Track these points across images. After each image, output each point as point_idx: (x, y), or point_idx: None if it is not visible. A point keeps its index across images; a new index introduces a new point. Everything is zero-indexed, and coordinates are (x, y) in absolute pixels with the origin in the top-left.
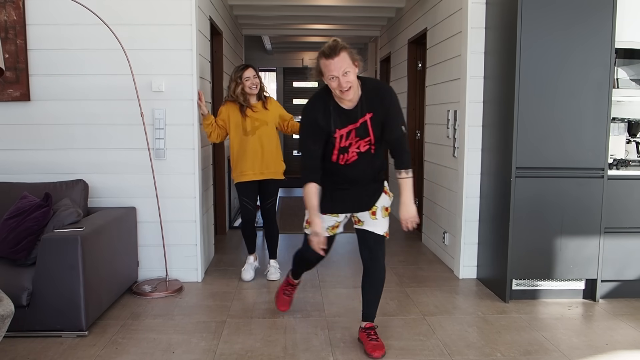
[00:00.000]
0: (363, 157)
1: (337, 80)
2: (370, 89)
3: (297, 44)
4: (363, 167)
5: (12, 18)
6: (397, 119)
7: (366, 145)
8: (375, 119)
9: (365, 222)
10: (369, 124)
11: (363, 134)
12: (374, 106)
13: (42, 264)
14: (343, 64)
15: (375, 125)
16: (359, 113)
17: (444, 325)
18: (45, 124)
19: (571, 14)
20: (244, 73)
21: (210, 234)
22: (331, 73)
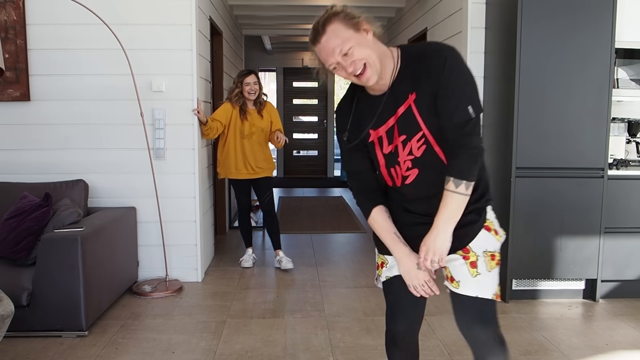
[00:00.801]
0: (425, 166)
1: (341, 67)
2: (412, 56)
3: (297, 44)
4: (432, 182)
5: (12, 18)
6: (457, 93)
7: (422, 145)
8: (423, 100)
9: (462, 280)
10: (415, 109)
11: (410, 127)
12: (418, 80)
13: (42, 264)
14: (336, 40)
15: (427, 109)
16: (396, 97)
17: (444, 325)
18: (45, 123)
19: (571, 14)
20: (245, 79)
21: (210, 234)
22: (327, 62)
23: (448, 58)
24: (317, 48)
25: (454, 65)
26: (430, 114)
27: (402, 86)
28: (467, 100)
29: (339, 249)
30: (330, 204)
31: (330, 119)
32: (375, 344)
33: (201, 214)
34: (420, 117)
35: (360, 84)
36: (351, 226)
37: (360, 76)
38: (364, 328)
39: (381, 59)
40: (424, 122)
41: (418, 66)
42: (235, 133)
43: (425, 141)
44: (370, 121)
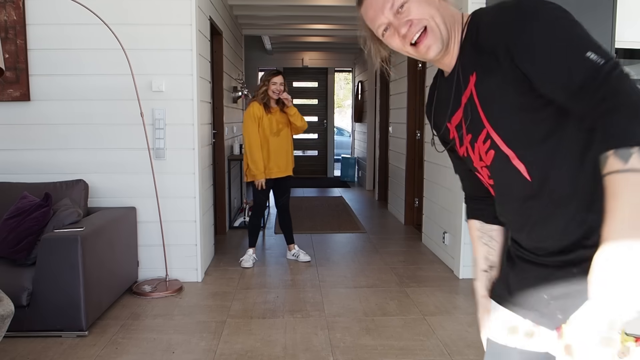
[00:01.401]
0: (501, 179)
1: (393, 30)
2: (473, 22)
3: (297, 44)
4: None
5: (12, 18)
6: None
7: (488, 149)
8: (485, 82)
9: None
10: (476, 97)
11: (474, 123)
12: (478, 53)
13: (42, 264)
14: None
15: (491, 96)
16: (460, 80)
17: (444, 325)
18: (45, 123)
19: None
20: (273, 78)
21: (210, 234)
22: (375, 24)
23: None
24: (362, 8)
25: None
26: (496, 102)
27: (465, 64)
28: (578, 47)
29: (339, 249)
30: (330, 204)
31: (330, 119)
32: (375, 344)
33: (201, 214)
34: (482, 109)
35: (418, 57)
36: (351, 226)
37: (418, 44)
38: (364, 328)
39: (448, 23)
40: (485, 115)
41: (479, 32)
42: (264, 132)
43: (492, 144)
44: (446, 112)
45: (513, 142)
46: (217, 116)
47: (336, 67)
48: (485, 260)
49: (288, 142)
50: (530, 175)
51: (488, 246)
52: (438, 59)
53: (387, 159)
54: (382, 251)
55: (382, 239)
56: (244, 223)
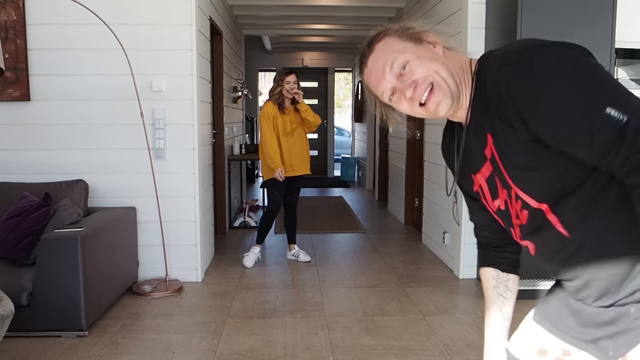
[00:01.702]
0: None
1: (399, 95)
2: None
3: (297, 44)
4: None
5: (12, 18)
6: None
7: (522, 208)
8: (502, 143)
9: None
10: (497, 157)
11: (503, 182)
12: (490, 113)
13: (42, 264)
14: (385, 56)
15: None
16: (478, 135)
17: (444, 325)
18: (45, 124)
19: (571, 14)
20: (286, 77)
21: (210, 234)
22: (379, 91)
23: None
24: (365, 76)
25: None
26: (516, 162)
27: (480, 120)
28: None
29: (339, 249)
30: (330, 204)
31: (330, 119)
32: (375, 344)
33: (201, 214)
34: (505, 169)
35: (431, 117)
36: (351, 226)
37: (426, 102)
38: (364, 328)
39: (457, 75)
40: (509, 176)
41: (486, 86)
42: (279, 132)
43: (524, 204)
44: (467, 164)
45: (542, 197)
46: (217, 116)
47: (336, 67)
48: (500, 312)
49: (302, 141)
50: (568, 229)
51: (503, 297)
52: (451, 114)
53: (387, 159)
54: (382, 251)
55: (382, 239)
56: (244, 223)
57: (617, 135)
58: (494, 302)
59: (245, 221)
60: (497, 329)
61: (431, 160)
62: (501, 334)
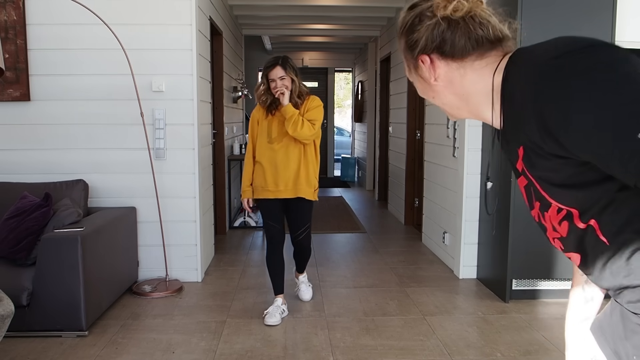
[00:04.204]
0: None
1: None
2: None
3: (297, 44)
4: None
5: (12, 18)
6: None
7: (562, 220)
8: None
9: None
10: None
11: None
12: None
13: (42, 264)
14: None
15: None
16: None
17: (444, 325)
18: (45, 124)
19: (571, 14)
20: (269, 73)
21: (210, 234)
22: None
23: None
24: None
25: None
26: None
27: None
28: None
29: (339, 249)
30: (331, 204)
31: (330, 119)
32: (375, 344)
33: (201, 214)
34: (539, 185)
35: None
36: (351, 226)
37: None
38: (364, 328)
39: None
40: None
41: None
42: (260, 137)
43: (567, 215)
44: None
45: (587, 210)
46: (217, 116)
47: (336, 67)
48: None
49: (296, 151)
50: (606, 236)
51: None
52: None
53: (387, 159)
54: (382, 251)
55: (382, 239)
56: (244, 223)
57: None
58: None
59: (245, 221)
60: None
61: (431, 160)
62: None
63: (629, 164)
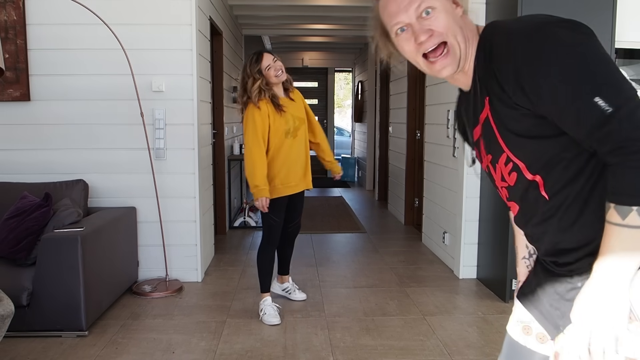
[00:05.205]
0: (526, 202)
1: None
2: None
3: (297, 44)
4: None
5: (12, 18)
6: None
7: (511, 171)
8: (498, 108)
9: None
10: (492, 121)
11: (493, 145)
12: (489, 77)
13: (42, 264)
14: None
15: (505, 122)
16: (476, 99)
17: (444, 325)
18: (45, 123)
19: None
20: (262, 63)
21: (210, 234)
22: (393, 20)
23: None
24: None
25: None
26: (512, 128)
27: (480, 83)
28: (584, 90)
29: (339, 249)
30: (331, 204)
31: (330, 119)
32: (375, 344)
33: (201, 214)
34: (500, 136)
35: (428, 72)
36: (351, 226)
37: (434, 61)
38: (364, 328)
39: (467, 41)
40: (503, 140)
41: (487, 52)
42: (278, 135)
43: (515, 167)
44: (470, 125)
45: (534, 166)
46: (217, 116)
47: (336, 67)
48: (525, 247)
49: (305, 143)
50: (548, 194)
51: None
52: (449, 77)
53: (387, 159)
54: (382, 251)
55: (382, 239)
56: (244, 223)
57: (599, 123)
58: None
59: (245, 221)
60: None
61: (431, 160)
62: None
63: (583, 125)
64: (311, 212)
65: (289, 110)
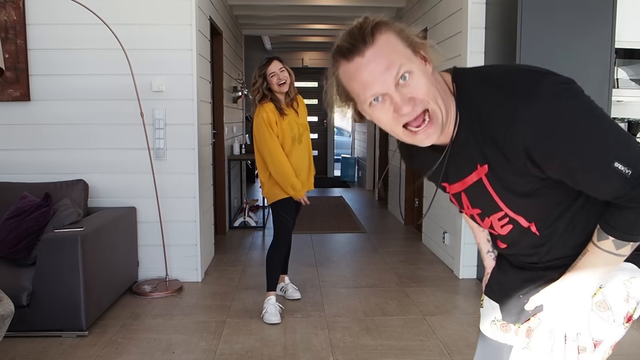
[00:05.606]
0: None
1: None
2: (476, 97)
3: (297, 44)
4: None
5: (12, 18)
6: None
7: (506, 224)
8: (501, 176)
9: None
10: (489, 186)
11: (484, 203)
12: (491, 146)
13: (42, 264)
14: (392, 55)
15: (509, 188)
16: (460, 162)
17: (444, 325)
18: (45, 123)
19: (571, 14)
20: (267, 69)
21: (210, 234)
22: (367, 91)
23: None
24: (351, 65)
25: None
26: (515, 190)
27: (467, 148)
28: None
29: (339, 249)
30: (331, 204)
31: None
32: (375, 344)
33: (201, 214)
34: (499, 198)
35: (407, 141)
36: (351, 226)
37: (416, 131)
38: (364, 328)
39: (446, 102)
40: (502, 201)
41: (488, 120)
42: (285, 140)
43: (511, 221)
44: (438, 177)
45: (532, 216)
46: (217, 116)
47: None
48: (487, 242)
49: (309, 148)
50: (541, 232)
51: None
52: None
53: (387, 159)
54: (382, 251)
55: (382, 239)
56: (244, 223)
57: (622, 188)
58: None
59: (245, 221)
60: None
61: None
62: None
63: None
64: (311, 212)
65: (291, 117)
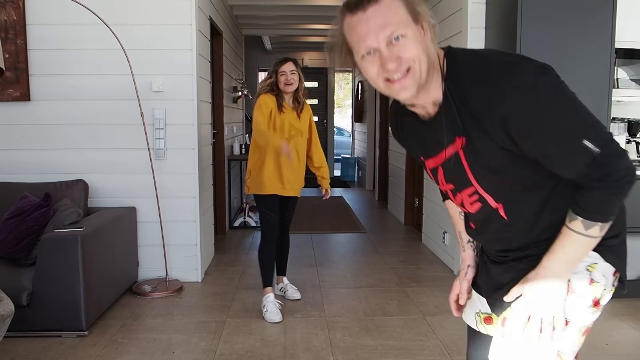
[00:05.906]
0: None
1: (376, 59)
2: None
3: (297, 44)
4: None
5: (12, 18)
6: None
7: (475, 202)
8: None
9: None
10: (464, 160)
11: (458, 178)
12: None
13: (42, 264)
14: (391, 16)
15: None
16: (440, 134)
17: (444, 325)
18: (45, 123)
19: (571, 14)
20: (280, 67)
21: (210, 234)
22: (362, 43)
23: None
24: (354, 18)
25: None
26: (488, 164)
27: (448, 119)
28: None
29: (339, 249)
30: (331, 204)
31: (330, 119)
32: (375, 344)
33: (201, 214)
34: (471, 172)
35: (386, 94)
36: (351, 226)
37: (395, 82)
38: (364, 328)
39: (430, 68)
40: (474, 176)
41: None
42: (276, 132)
43: (480, 199)
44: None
45: (500, 197)
46: (217, 116)
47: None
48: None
49: (303, 155)
50: (508, 216)
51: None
52: (408, 100)
53: (387, 159)
54: (382, 251)
55: (382, 239)
56: (243, 223)
57: (589, 165)
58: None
59: (245, 221)
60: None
61: None
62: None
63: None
64: (311, 212)
65: (288, 117)
